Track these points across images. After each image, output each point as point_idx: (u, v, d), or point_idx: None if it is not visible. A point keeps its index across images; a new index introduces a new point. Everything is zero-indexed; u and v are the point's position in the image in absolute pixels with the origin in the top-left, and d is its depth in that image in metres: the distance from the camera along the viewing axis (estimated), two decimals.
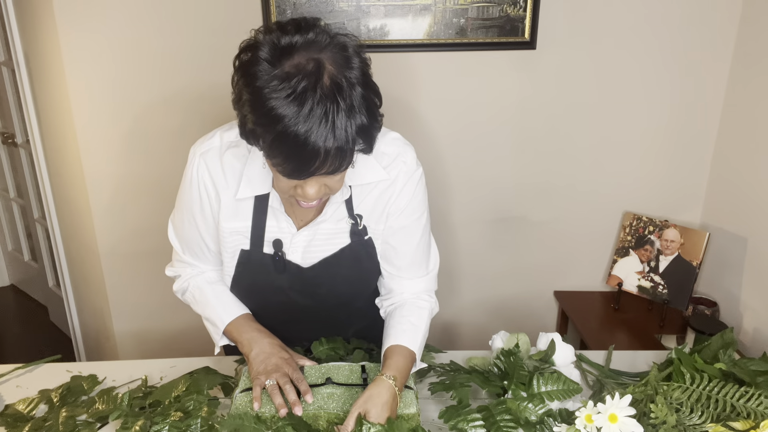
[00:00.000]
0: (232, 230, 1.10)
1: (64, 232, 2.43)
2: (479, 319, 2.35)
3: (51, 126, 2.22)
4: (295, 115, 0.81)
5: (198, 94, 1.99)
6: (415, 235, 1.14)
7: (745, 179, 1.94)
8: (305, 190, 0.93)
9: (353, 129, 0.84)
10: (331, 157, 0.84)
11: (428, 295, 1.20)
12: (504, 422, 1.02)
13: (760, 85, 1.86)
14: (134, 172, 2.09)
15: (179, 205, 1.15)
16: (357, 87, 0.85)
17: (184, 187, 1.11)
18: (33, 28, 2.09)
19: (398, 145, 1.09)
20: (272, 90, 0.82)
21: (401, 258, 1.16)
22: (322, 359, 1.22)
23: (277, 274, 1.12)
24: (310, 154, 0.83)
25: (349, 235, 1.11)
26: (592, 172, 2.15)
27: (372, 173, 1.06)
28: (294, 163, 0.85)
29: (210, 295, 1.19)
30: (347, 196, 1.07)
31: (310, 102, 0.81)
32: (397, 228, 1.12)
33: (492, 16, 1.94)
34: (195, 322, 2.27)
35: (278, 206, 1.07)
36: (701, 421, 0.99)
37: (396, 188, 1.09)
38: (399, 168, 1.08)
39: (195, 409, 1.07)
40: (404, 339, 1.10)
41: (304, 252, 1.11)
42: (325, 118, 0.81)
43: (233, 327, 1.16)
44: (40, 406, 1.17)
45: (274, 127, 0.82)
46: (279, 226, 1.09)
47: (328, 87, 0.82)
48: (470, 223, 2.21)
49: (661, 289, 2.08)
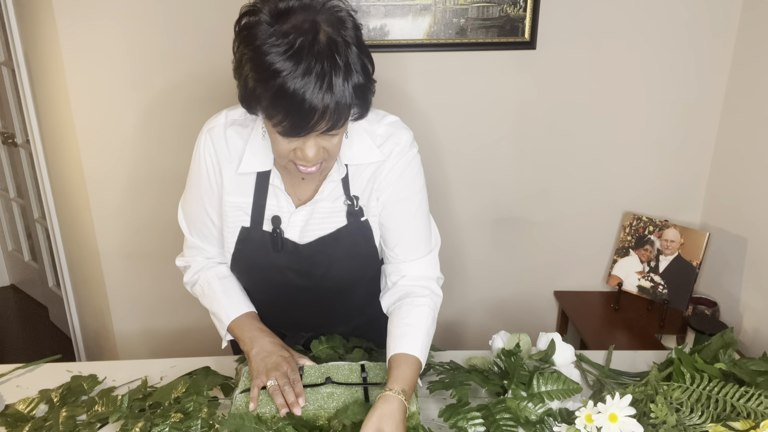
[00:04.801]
0: (233, 205, 1.12)
1: (64, 232, 2.43)
2: (479, 319, 2.35)
3: (51, 126, 2.22)
4: (292, 70, 0.85)
5: (198, 93, 1.99)
6: (409, 212, 1.14)
7: (745, 179, 1.94)
8: (305, 152, 0.96)
9: (350, 86, 0.88)
10: (329, 112, 0.88)
11: (427, 284, 1.17)
12: (504, 421, 1.02)
13: (760, 86, 1.86)
14: (134, 172, 2.09)
15: (188, 185, 1.18)
16: (352, 47, 0.90)
17: (193, 163, 1.14)
18: (33, 28, 2.09)
19: (396, 127, 1.12)
20: (271, 46, 0.86)
21: (397, 236, 1.15)
22: (322, 358, 1.22)
23: (275, 253, 1.14)
24: (308, 109, 0.86)
25: (345, 216, 1.13)
26: (593, 172, 2.15)
27: (368, 153, 1.09)
28: (293, 119, 0.88)
29: (218, 291, 1.20)
30: (343, 175, 1.10)
31: (306, 58, 0.85)
32: (390, 205, 1.13)
33: (492, 16, 1.94)
34: (195, 322, 2.29)
35: (279, 184, 1.10)
36: (701, 421, 0.99)
37: (387, 166, 1.11)
38: (391, 148, 1.11)
39: (195, 410, 1.07)
40: (404, 345, 1.07)
41: (302, 230, 1.13)
42: (321, 73, 0.85)
43: (236, 324, 1.17)
44: (40, 406, 1.17)
45: (273, 82, 0.86)
46: (279, 204, 1.12)
47: (324, 44, 0.87)
48: (470, 223, 2.21)
49: (661, 289, 2.08)
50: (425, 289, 1.16)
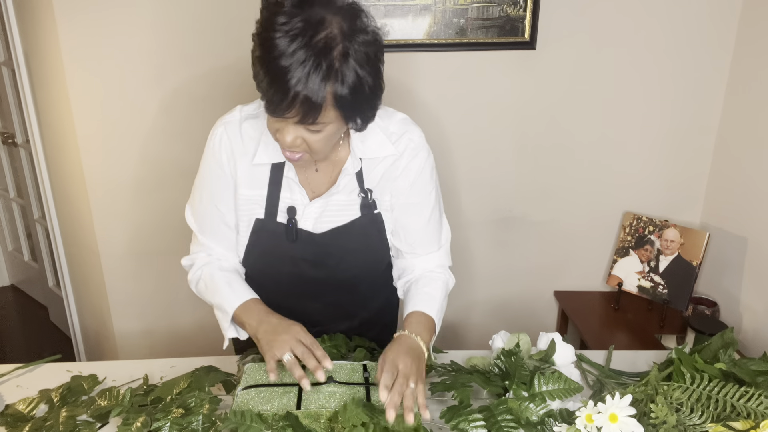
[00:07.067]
0: (247, 198, 1.15)
1: (64, 232, 2.43)
2: (479, 319, 2.35)
3: (51, 126, 2.22)
4: (285, 49, 0.89)
5: (199, 93, 1.99)
6: (425, 211, 1.19)
7: (745, 179, 1.94)
8: (283, 136, 0.99)
9: (326, 89, 0.91)
10: (299, 103, 0.91)
11: (441, 269, 1.24)
12: (505, 422, 1.02)
13: (760, 86, 1.87)
14: (134, 172, 2.09)
15: (198, 183, 1.19)
16: (351, 59, 0.92)
17: (206, 158, 1.16)
18: (33, 28, 2.09)
19: (406, 123, 1.16)
20: (277, 24, 0.90)
21: (413, 235, 1.20)
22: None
23: (289, 243, 1.15)
24: (283, 90, 0.90)
25: (359, 209, 1.16)
26: (592, 172, 2.15)
27: (381, 148, 1.13)
28: (270, 97, 0.93)
29: (221, 282, 1.17)
30: (358, 169, 1.13)
31: (298, 44, 0.89)
32: (407, 205, 1.18)
33: (492, 16, 1.94)
34: (195, 322, 2.28)
35: (293, 176, 1.13)
36: (701, 421, 0.99)
37: (402, 164, 1.15)
38: (405, 144, 1.14)
39: (196, 406, 1.07)
40: (422, 306, 1.15)
41: (316, 222, 1.16)
42: (304, 64, 0.89)
43: (242, 310, 1.13)
44: (41, 406, 1.17)
45: (269, 55, 0.90)
46: (293, 197, 1.14)
47: (321, 41, 0.89)
48: (470, 223, 2.21)
49: (661, 289, 2.08)
50: (439, 273, 1.23)
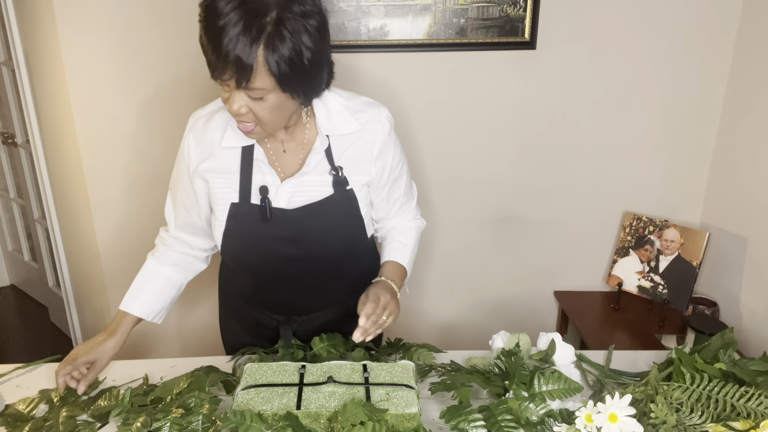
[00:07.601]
0: (222, 184, 1.18)
1: (64, 232, 2.43)
2: (479, 319, 2.35)
3: (51, 126, 2.22)
4: (221, 10, 0.93)
5: (198, 93, 1.99)
6: (401, 184, 1.30)
7: (745, 179, 1.94)
8: (230, 103, 1.02)
9: (256, 53, 0.94)
10: (231, 63, 0.94)
11: (414, 219, 1.38)
12: (505, 422, 1.02)
13: (759, 86, 1.87)
14: (134, 172, 2.09)
15: (175, 172, 1.27)
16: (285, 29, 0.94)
17: (177, 163, 1.25)
18: (33, 28, 2.09)
19: (370, 103, 1.21)
20: None
21: (392, 206, 1.31)
22: (323, 356, 1.23)
23: (264, 223, 1.18)
24: (218, 51, 0.94)
25: (332, 185, 1.19)
26: (592, 171, 2.15)
27: (346, 124, 1.17)
28: (209, 57, 0.97)
29: (141, 275, 1.34)
30: (326, 146, 1.17)
31: (233, 5, 0.92)
32: (384, 184, 1.25)
33: (492, 16, 1.94)
34: (195, 322, 2.28)
35: (262, 158, 1.16)
36: (701, 421, 0.99)
37: (375, 148, 1.20)
38: (375, 127, 1.19)
39: (196, 406, 1.07)
40: (395, 256, 1.31)
41: (289, 200, 1.19)
42: (236, 24, 0.92)
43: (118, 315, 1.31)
44: (41, 406, 1.17)
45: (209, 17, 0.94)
46: (264, 179, 1.18)
47: (254, 6, 0.93)
48: (470, 223, 2.21)
49: (661, 289, 2.08)
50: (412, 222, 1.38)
